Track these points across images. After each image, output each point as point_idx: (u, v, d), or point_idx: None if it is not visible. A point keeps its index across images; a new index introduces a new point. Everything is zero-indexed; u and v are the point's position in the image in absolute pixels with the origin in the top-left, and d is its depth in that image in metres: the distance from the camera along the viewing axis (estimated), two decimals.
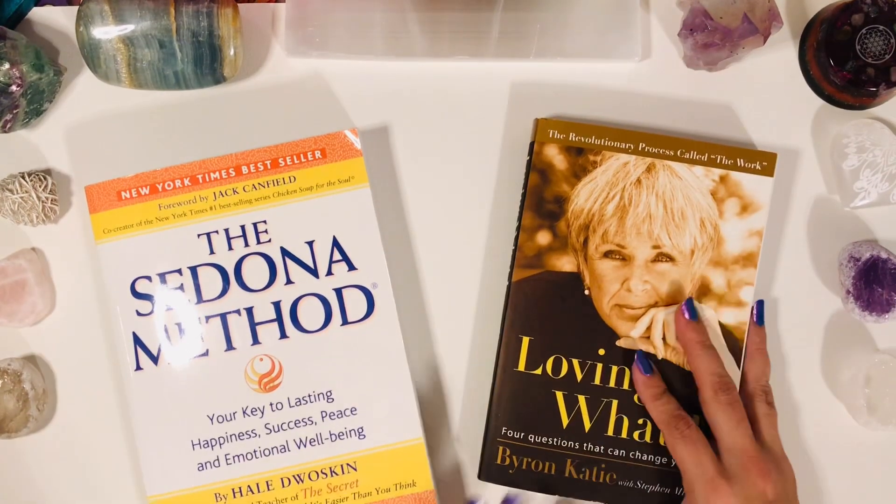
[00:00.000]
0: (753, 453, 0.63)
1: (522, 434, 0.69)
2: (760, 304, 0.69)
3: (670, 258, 0.69)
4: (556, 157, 0.70)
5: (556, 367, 0.69)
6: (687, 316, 0.68)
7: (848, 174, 0.70)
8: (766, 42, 0.69)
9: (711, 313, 0.69)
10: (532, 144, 0.71)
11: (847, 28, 0.69)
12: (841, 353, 0.71)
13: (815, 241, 0.72)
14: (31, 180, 0.70)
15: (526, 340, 0.69)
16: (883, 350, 0.71)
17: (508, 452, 0.69)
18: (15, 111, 0.70)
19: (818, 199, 0.73)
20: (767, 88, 0.73)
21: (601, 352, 0.69)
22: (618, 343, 0.69)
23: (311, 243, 0.69)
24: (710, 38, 0.68)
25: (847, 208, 0.71)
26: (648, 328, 0.69)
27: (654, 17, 0.74)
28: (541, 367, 0.69)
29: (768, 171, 0.70)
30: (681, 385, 0.68)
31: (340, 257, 0.69)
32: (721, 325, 0.69)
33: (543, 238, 0.70)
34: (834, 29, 0.69)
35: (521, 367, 0.69)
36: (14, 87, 0.69)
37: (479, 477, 0.69)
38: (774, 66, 0.73)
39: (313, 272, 0.69)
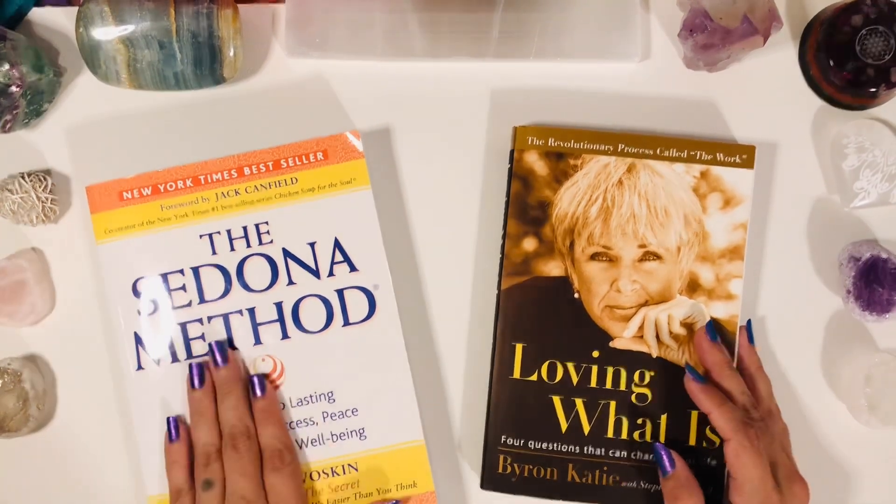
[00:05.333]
0: (795, 469, 0.64)
1: (522, 441, 0.69)
2: (749, 323, 0.70)
3: (657, 256, 0.69)
4: (536, 163, 0.70)
5: (551, 372, 0.69)
6: (709, 338, 0.68)
7: (848, 174, 0.71)
8: (766, 43, 0.69)
9: (703, 308, 0.69)
10: (512, 152, 0.71)
11: (847, 29, 0.69)
12: (841, 352, 0.72)
13: (815, 241, 0.72)
14: (31, 180, 0.70)
15: (519, 347, 0.69)
16: (883, 350, 0.71)
17: (509, 460, 0.69)
18: (15, 111, 0.70)
19: (818, 199, 0.73)
20: (767, 89, 0.73)
21: (595, 354, 0.69)
22: (611, 344, 0.69)
23: (312, 244, 0.69)
24: (709, 39, 0.68)
25: (847, 208, 0.72)
26: (641, 328, 0.69)
27: (653, 17, 0.74)
28: (536, 374, 0.69)
29: (748, 163, 0.70)
30: (677, 383, 0.68)
31: (342, 258, 0.69)
32: (713, 319, 0.69)
33: (529, 244, 0.70)
34: (834, 30, 0.69)
35: (517, 374, 0.69)
36: (14, 88, 0.69)
37: (482, 486, 0.69)
38: (774, 66, 0.73)
39: (315, 273, 0.69)
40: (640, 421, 0.68)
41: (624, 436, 0.68)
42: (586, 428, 0.69)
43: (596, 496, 0.68)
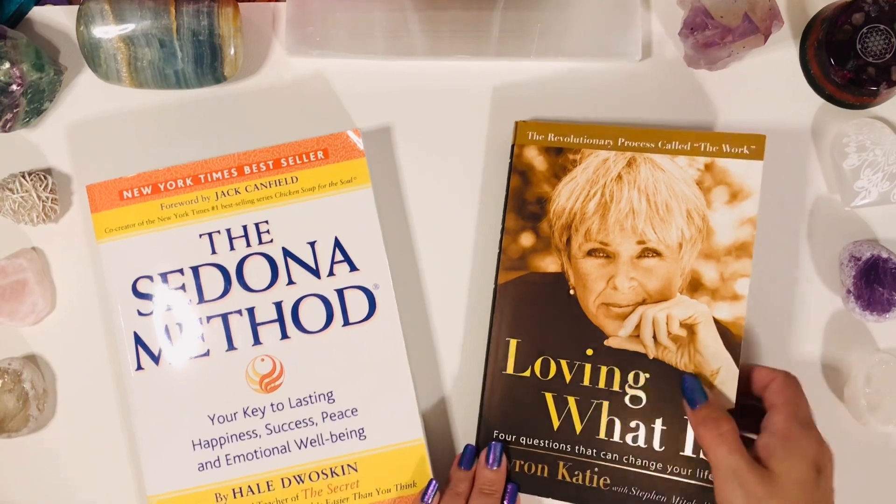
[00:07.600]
0: None
1: (514, 436, 0.68)
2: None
3: (657, 253, 0.68)
4: (536, 158, 0.70)
5: (545, 368, 0.68)
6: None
7: (848, 173, 0.70)
8: (767, 41, 0.69)
9: (705, 308, 0.67)
10: (513, 147, 0.70)
11: (848, 27, 0.69)
12: (841, 352, 0.71)
13: (815, 240, 0.72)
14: (32, 180, 0.70)
15: (514, 343, 0.69)
16: (883, 350, 0.71)
17: None
18: (15, 110, 0.70)
19: (819, 198, 0.73)
20: (768, 88, 0.73)
21: (589, 352, 0.68)
22: (606, 343, 0.68)
23: (312, 244, 0.69)
24: (710, 38, 0.68)
25: (847, 208, 0.71)
26: (637, 327, 0.68)
27: (654, 16, 0.74)
28: (529, 370, 0.68)
29: (757, 154, 0.67)
30: (674, 387, 0.67)
31: (342, 258, 0.69)
32: (716, 320, 0.67)
33: (527, 240, 0.69)
34: (835, 28, 0.69)
35: (510, 369, 0.69)
36: (14, 87, 0.69)
37: None
38: (775, 65, 0.73)
39: (315, 273, 0.69)
40: (633, 424, 0.67)
41: (616, 438, 0.67)
42: (578, 427, 0.68)
43: (586, 497, 0.67)
